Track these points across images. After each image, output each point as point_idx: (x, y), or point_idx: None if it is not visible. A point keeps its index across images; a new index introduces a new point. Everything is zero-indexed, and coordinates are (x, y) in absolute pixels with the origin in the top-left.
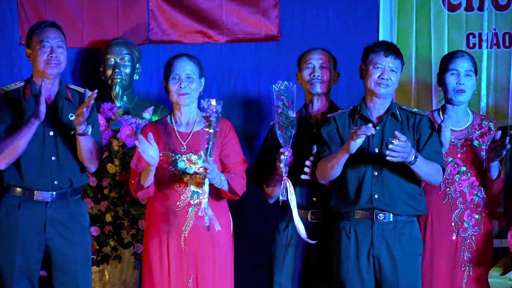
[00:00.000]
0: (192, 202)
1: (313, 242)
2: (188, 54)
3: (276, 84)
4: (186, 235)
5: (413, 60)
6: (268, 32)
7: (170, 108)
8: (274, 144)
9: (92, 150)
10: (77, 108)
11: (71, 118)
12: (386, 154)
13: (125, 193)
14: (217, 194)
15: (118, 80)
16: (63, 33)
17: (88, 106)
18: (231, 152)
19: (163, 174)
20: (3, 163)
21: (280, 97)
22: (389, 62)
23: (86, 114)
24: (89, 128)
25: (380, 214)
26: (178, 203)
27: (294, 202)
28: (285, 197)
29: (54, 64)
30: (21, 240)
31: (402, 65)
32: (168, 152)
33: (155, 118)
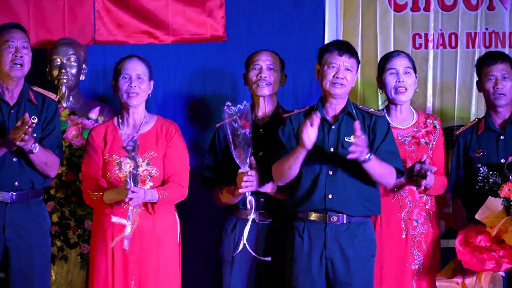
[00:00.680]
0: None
1: (267, 259)
2: (139, 56)
3: (226, 106)
4: (130, 236)
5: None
6: (214, 32)
7: (117, 109)
8: (222, 147)
9: (46, 161)
10: (17, 131)
11: (33, 121)
12: (346, 148)
13: (71, 193)
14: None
15: (65, 81)
16: (27, 35)
17: (26, 133)
18: (174, 156)
19: (109, 175)
20: None
21: (234, 119)
22: (344, 61)
23: (27, 137)
24: (36, 146)
25: (334, 216)
26: (123, 204)
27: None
28: (255, 214)
29: (18, 67)
30: None
31: (358, 64)
32: (113, 154)
33: (101, 119)
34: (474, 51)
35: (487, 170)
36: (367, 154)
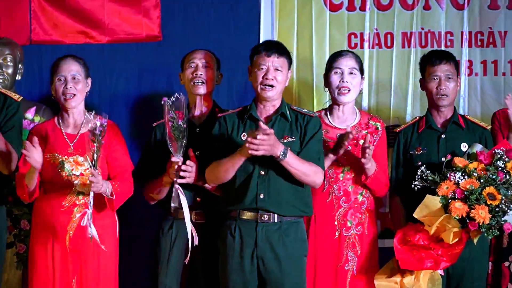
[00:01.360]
0: (78, 202)
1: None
2: (73, 55)
3: (164, 101)
4: (71, 234)
5: (294, 60)
6: (149, 32)
7: (53, 108)
8: (157, 145)
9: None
10: None
11: None
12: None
13: (7, 193)
14: (101, 195)
15: (1, 81)
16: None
17: None
18: (118, 155)
19: (50, 174)
20: None
21: (169, 111)
22: (272, 62)
23: None
24: None
25: (265, 215)
26: (63, 202)
27: (187, 208)
28: (177, 203)
29: None
30: None
31: (290, 63)
32: (55, 154)
33: (37, 118)
34: (410, 51)
35: (427, 169)
36: (281, 152)
